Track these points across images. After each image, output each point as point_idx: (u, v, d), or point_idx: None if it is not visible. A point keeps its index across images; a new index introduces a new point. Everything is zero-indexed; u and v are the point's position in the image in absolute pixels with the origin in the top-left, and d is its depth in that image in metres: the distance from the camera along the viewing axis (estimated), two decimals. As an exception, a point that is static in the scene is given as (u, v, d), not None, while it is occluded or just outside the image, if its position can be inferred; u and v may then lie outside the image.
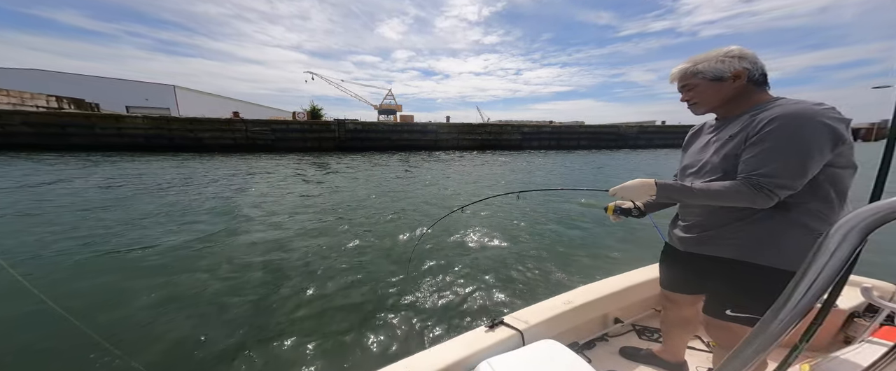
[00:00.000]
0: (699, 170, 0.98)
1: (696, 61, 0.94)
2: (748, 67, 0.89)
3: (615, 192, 1.05)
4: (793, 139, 0.79)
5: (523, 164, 16.19)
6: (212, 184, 8.57)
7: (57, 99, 23.95)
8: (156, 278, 2.94)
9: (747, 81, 0.90)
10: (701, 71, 0.93)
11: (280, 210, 5.62)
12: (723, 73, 0.90)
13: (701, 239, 1.00)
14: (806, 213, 0.85)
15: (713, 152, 0.95)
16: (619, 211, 1.16)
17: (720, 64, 0.90)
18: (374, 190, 7.72)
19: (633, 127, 35.25)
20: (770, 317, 0.36)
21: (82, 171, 10.19)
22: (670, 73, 1.01)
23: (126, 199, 6.54)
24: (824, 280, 0.33)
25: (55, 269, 3.09)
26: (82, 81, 34.74)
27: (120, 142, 20.11)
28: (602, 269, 3.18)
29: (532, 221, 4.80)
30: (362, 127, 26.15)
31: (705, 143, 1.00)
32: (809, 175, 0.80)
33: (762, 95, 0.91)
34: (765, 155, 0.81)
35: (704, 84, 0.93)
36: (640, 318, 1.64)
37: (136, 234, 4.24)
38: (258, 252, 3.60)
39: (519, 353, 1.00)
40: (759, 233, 0.89)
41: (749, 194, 0.82)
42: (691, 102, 0.98)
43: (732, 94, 0.92)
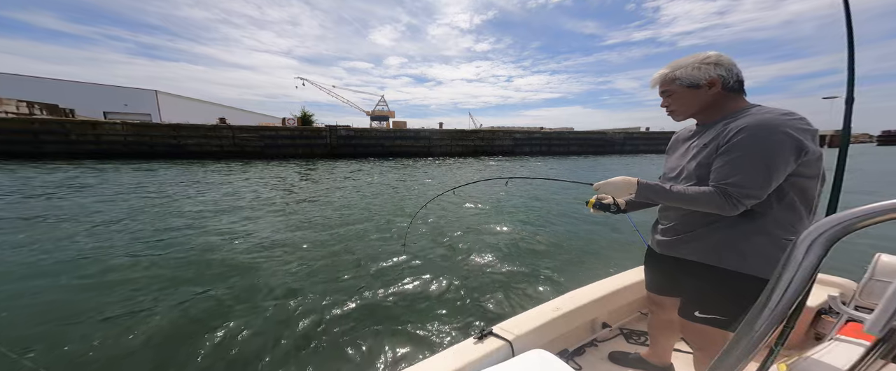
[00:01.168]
0: (677, 175, 1.01)
1: (675, 67, 0.96)
2: (723, 75, 0.91)
3: (599, 187, 1.08)
4: (758, 150, 0.81)
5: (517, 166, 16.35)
6: (190, 190, 8.23)
7: (28, 104, 22.67)
8: (125, 289, 2.75)
9: (722, 89, 0.91)
10: (678, 77, 0.95)
11: (258, 216, 5.46)
12: (698, 81, 0.92)
13: (673, 242, 1.04)
14: (771, 222, 0.87)
15: (690, 159, 0.97)
16: (599, 205, 1.19)
17: (696, 71, 0.92)
18: (361, 196, 7.58)
19: (620, 133, 36.40)
20: (748, 324, 0.38)
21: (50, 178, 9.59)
22: (651, 79, 1.04)
23: (91, 205, 6.18)
24: (795, 289, 0.36)
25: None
26: (56, 86, 33.07)
27: (97, 149, 19.15)
28: (589, 272, 3.16)
29: (520, 226, 4.79)
30: (355, 133, 25.92)
31: (685, 149, 1.02)
32: (773, 185, 0.82)
33: (737, 103, 0.92)
34: (733, 165, 0.84)
35: (681, 91, 0.95)
36: (627, 322, 1.66)
37: (107, 243, 4.00)
38: (235, 259, 3.45)
39: (508, 365, 0.99)
40: (725, 238, 0.92)
41: (719, 202, 0.84)
42: (670, 109, 1.00)
43: (709, 101, 0.93)
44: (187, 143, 21.26)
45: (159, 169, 13.58)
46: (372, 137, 26.69)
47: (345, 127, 26.34)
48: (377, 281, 2.91)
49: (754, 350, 0.38)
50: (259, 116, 54.32)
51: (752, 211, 0.86)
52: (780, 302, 0.36)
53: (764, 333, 0.37)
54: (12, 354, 1.23)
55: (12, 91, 27.24)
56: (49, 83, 33.11)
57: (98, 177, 10.73)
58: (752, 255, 0.90)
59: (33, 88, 30.61)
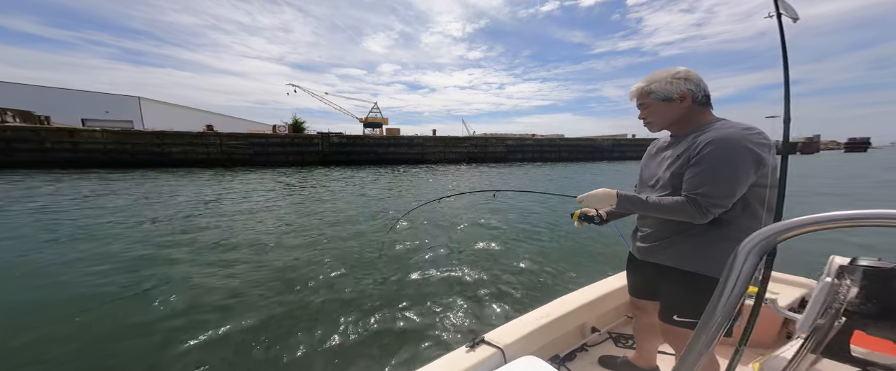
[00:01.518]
0: (654, 184, 1.06)
1: (650, 81, 1.01)
2: (692, 89, 0.97)
3: (582, 200, 1.13)
4: (723, 162, 0.87)
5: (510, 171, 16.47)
6: (173, 200, 7.88)
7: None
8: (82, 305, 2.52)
9: (692, 102, 0.98)
10: (653, 91, 1.00)
11: (245, 226, 5.32)
12: (671, 94, 0.98)
13: (651, 248, 1.09)
14: (737, 229, 0.93)
15: (665, 169, 1.02)
16: (584, 217, 1.24)
17: (669, 85, 0.98)
18: (352, 204, 7.48)
19: (608, 140, 37.41)
20: (704, 323, 0.43)
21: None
22: (630, 92, 1.10)
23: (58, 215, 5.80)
24: (738, 292, 0.41)
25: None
26: (31, 92, 31.61)
27: (74, 157, 18.26)
28: (577, 278, 3.18)
29: (508, 233, 4.80)
30: (347, 140, 25.68)
31: (661, 159, 1.07)
32: (737, 195, 0.89)
33: (705, 116, 0.99)
34: (701, 176, 0.90)
35: (656, 104, 1.01)
36: (615, 326, 1.68)
37: (78, 258, 3.73)
38: (222, 269, 3.34)
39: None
40: (697, 245, 0.98)
41: (690, 210, 0.90)
42: (647, 121, 1.07)
43: (681, 114, 1.00)
44: (172, 151, 20.55)
45: (116, 181, 13.01)
46: (365, 145, 26.50)
47: (337, 134, 26.09)
48: (366, 293, 2.84)
49: (711, 345, 0.43)
50: (249, 123, 53.24)
51: (720, 219, 0.92)
52: (726, 302, 0.41)
53: (717, 331, 0.42)
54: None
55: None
56: (24, 89, 31.63)
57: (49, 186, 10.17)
58: (720, 260, 0.94)
59: (6, 94, 29.15)
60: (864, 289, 0.50)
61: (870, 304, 0.49)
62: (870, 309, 0.49)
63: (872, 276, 0.50)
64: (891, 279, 0.48)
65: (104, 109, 34.45)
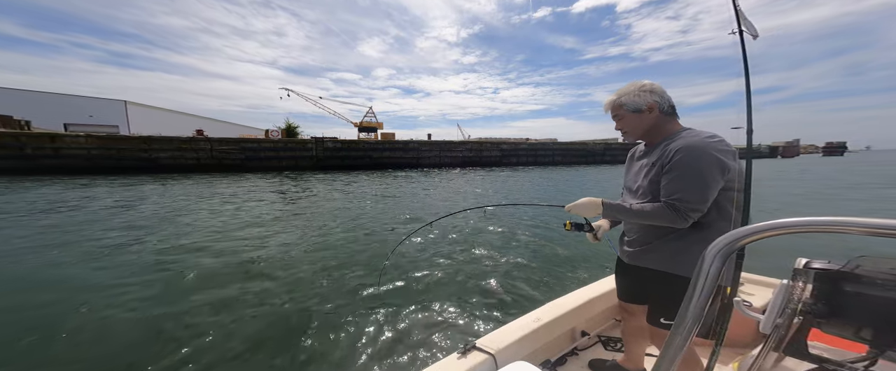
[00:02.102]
0: (635, 191, 1.11)
1: (621, 95, 1.08)
2: (657, 100, 1.03)
3: (570, 209, 1.18)
4: (694, 169, 0.94)
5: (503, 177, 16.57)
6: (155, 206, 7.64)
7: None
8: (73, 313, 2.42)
9: (659, 112, 1.04)
10: (624, 103, 1.07)
11: (238, 232, 5.24)
12: (640, 106, 1.04)
13: (637, 253, 1.14)
14: (715, 232, 0.97)
15: (643, 176, 1.07)
16: (574, 226, 1.28)
17: (637, 98, 1.04)
18: (346, 210, 7.39)
19: (600, 144, 38.16)
20: (678, 323, 0.46)
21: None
22: (604, 105, 1.15)
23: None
24: (706, 293, 0.44)
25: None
26: (9, 95, 30.47)
27: (56, 164, 17.60)
28: (567, 282, 3.21)
29: (498, 239, 4.81)
30: (342, 145, 25.49)
31: (639, 167, 1.13)
32: (710, 199, 0.95)
33: (673, 125, 1.06)
34: (675, 182, 0.96)
35: (628, 115, 1.07)
36: (604, 329, 1.70)
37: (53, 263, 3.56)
38: (211, 280, 3.26)
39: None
40: (678, 248, 1.03)
41: (670, 215, 0.95)
42: (623, 131, 1.13)
43: (652, 124, 1.06)
44: (159, 156, 20.03)
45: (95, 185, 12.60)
46: (360, 149, 26.34)
47: (332, 138, 25.87)
48: (357, 300, 2.81)
49: (686, 345, 0.45)
50: (241, 128, 52.40)
51: (699, 223, 0.98)
52: (696, 304, 0.44)
53: (689, 331, 0.45)
54: None
55: (-43, 101, 24.76)
56: (1, 92, 30.49)
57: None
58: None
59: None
60: (816, 289, 0.53)
61: (821, 304, 0.52)
62: (821, 308, 0.52)
63: (822, 278, 0.53)
64: (838, 280, 0.52)
65: (88, 114, 33.42)
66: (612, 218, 1.22)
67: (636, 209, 1.03)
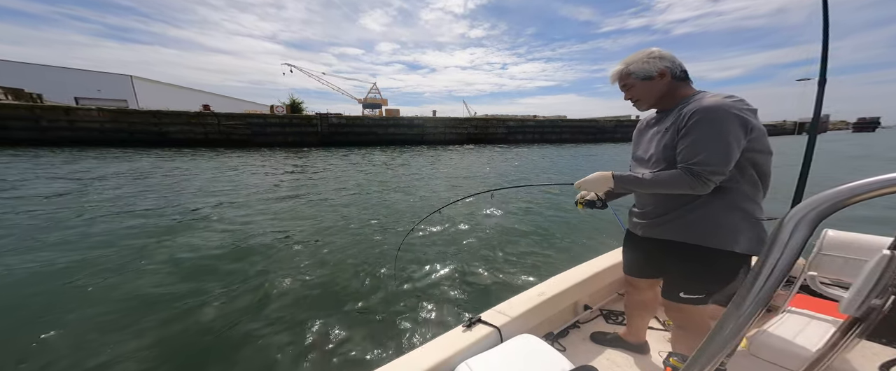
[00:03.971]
0: (647, 160, 1.06)
1: (628, 63, 1.04)
2: (669, 66, 0.99)
3: (579, 185, 1.14)
4: (714, 129, 0.88)
5: (509, 156, 16.43)
6: (181, 179, 7.96)
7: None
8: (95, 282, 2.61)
9: (671, 78, 1.00)
10: (632, 71, 1.03)
11: (250, 208, 5.35)
12: (650, 73, 1.00)
13: (653, 224, 1.08)
14: (739, 196, 0.94)
15: (656, 144, 1.03)
16: (586, 203, 1.24)
17: (646, 64, 1.00)
18: (354, 188, 7.42)
19: (611, 121, 36.87)
20: (734, 309, 0.38)
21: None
22: (610, 75, 1.11)
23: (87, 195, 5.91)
24: (781, 271, 0.36)
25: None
26: (21, 69, 30.65)
27: (71, 136, 18.11)
28: (571, 257, 3.22)
29: (504, 215, 4.81)
30: (346, 121, 25.32)
31: (650, 135, 1.08)
32: (733, 160, 0.89)
33: (686, 90, 1.01)
34: (694, 145, 0.90)
35: (638, 83, 1.03)
36: (606, 303, 1.72)
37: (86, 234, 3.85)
38: (222, 253, 3.34)
39: (497, 351, 1.03)
40: (701, 216, 0.97)
41: (689, 181, 0.90)
42: (634, 100, 1.08)
43: (664, 90, 1.01)
44: (169, 130, 20.34)
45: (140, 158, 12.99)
46: (364, 125, 26.16)
47: (336, 115, 25.67)
48: (365, 276, 2.85)
49: (742, 332, 0.38)
50: (245, 104, 52.16)
51: (723, 188, 0.92)
52: (765, 284, 0.36)
53: (750, 315, 0.37)
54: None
55: (-30, 74, 25.12)
56: (11, 65, 30.66)
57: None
58: (725, 230, 0.95)
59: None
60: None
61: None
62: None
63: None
64: None
65: (96, 88, 33.61)
66: (624, 191, 1.17)
67: (650, 178, 0.97)
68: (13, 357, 1.87)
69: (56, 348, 1.95)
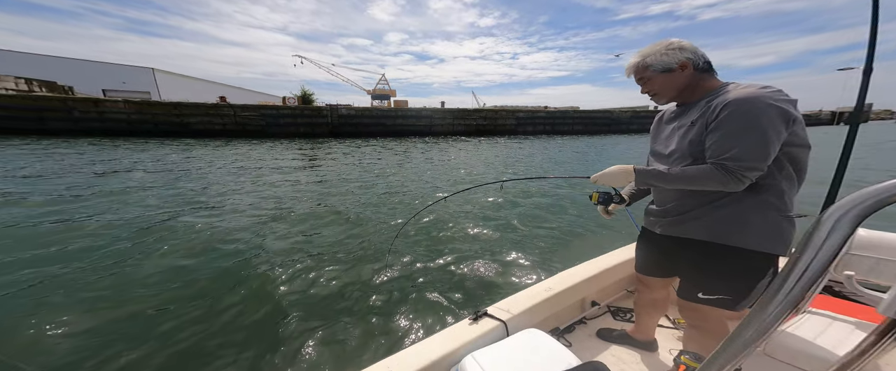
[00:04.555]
0: (667, 156, 1.01)
1: (645, 55, 0.99)
2: (690, 57, 0.94)
3: (596, 179, 1.08)
4: (749, 122, 0.81)
5: (516, 148, 16.29)
6: (202, 168, 8.45)
7: (26, 81, 22.46)
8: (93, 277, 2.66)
9: (693, 70, 0.95)
10: (650, 64, 0.97)
11: (253, 197, 5.50)
12: (670, 65, 0.95)
13: (675, 221, 1.03)
14: (774, 193, 0.88)
15: (680, 138, 0.97)
16: (602, 197, 1.18)
17: (665, 56, 0.95)
18: (361, 177, 7.56)
19: (627, 112, 35.59)
20: (759, 310, 0.36)
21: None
22: (625, 68, 1.05)
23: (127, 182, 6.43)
24: (814, 272, 0.33)
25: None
26: (52, 63, 32.46)
27: (101, 126, 19.25)
28: (579, 253, 3.12)
29: (513, 209, 4.79)
30: (356, 112, 25.62)
31: (671, 129, 1.03)
32: (772, 155, 0.83)
33: (713, 82, 0.96)
34: (726, 139, 0.84)
35: (657, 76, 0.98)
36: (614, 300, 1.71)
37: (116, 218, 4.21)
38: (223, 241, 3.43)
39: (503, 344, 1.03)
40: (730, 215, 0.92)
41: (721, 178, 0.84)
42: (652, 94, 1.03)
43: (685, 83, 0.96)
44: (190, 121, 21.24)
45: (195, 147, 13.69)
46: (373, 117, 26.40)
47: (346, 106, 26.00)
48: (372, 269, 2.86)
49: (766, 335, 0.36)
50: (259, 95, 53.42)
51: (757, 185, 0.86)
52: (795, 286, 0.33)
53: (776, 318, 0.35)
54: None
55: (6, 67, 26.85)
56: (44, 59, 32.49)
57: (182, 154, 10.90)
58: (755, 229, 0.90)
59: (28, 64, 30.09)
60: None
61: None
62: None
63: None
64: None
65: (121, 80, 35.21)
66: (645, 186, 1.12)
67: (677, 173, 0.92)
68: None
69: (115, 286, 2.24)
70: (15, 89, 21.22)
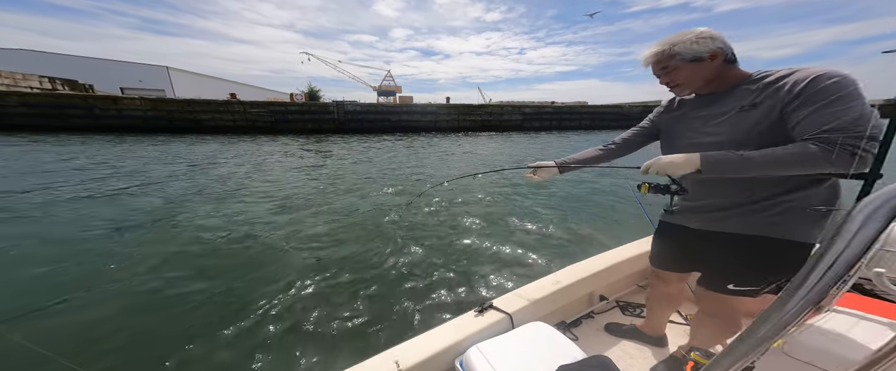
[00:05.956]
0: (717, 146, 0.91)
1: (672, 43, 0.93)
2: (722, 47, 0.90)
3: (649, 169, 0.94)
4: (849, 93, 0.72)
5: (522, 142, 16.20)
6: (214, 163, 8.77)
7: (50, 80, 23.52)
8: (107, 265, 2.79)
9: (723, 60, 0.91)
10: (678, 52, 0.92)
11: (260, 191, 5.62)
12: (701, 54, 0.90)
13: (719, 217, 0.97)
14: (830, 185, 0.84)
15: (729, 128, 0.89)
16: (654, 188, 1.02)
17: (696, 45, 0.90)
18: (367, 172, 7.69)
19: (638, 107, 34.76)
20: (779, 304, 0.34)
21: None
22: (643, 57, 0.99)
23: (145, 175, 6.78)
24: (842, 266, 0.31)
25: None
26: (72, 62, 33.80)
27: (119, 123, 20.05)
28: (587, 247, 3.20)
29: (519, 202, 4.80)
30: (361, 108, 25.85)
31: (701, 120, 0.96)
32: (874, 127, 0.72)
33: (740, 71, 0.92)
34: (826, 111, 0.72)
35: (685, 66, 0.92)
36: (623, 295, 1.68)
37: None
38: (234, 233, 3.53)
39: (508, 336, 1.03)
40: (795, 206, 0.85)
41: (823, 155, 0.71)
42: (673, 84, 0.97)
43: (714, 73, 0.92)
44: (202, 118, 21.88)
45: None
46: (378, 112, 26.59)
47: (351, 102, 26.26)
48: (379, 260, 2.91)
49: (782, 332, 0.34)
50: (267, 92, 54.45)
51: (819, 180, 0.81)
52: (821, 279, 0.32)
53: (797, 314, 0.33)
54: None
55: (34, 67, 28.14)
56: (64, 59, 33.85)
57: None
58: (809, 220, 0.86)
59: (49, 63, 31.46)
60: None
61: None
62: None
63: None
64: None
65: (137, 78, 36.42)
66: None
67: (761, 157, 0.77)
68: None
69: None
70: (39, 88, 22.26)
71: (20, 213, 4.21)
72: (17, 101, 18.25)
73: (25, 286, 2.53)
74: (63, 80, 24.72)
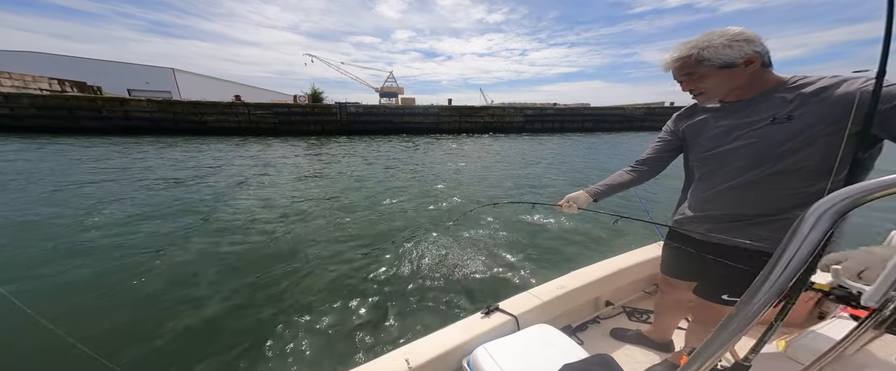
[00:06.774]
0: (743, 159, 0.86)
1: (699, 47, 0.82)
2: (759, 51, 0.79)
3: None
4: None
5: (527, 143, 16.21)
6: (214, 167, 8.90)
7: (59, 82, 23.95)
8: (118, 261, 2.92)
9: (761, 66, 0.80)
10: (707, 58, 0.81)
11: (272, 193, 5.69)
12: (734, 60, 0.79)
13: (730, 228, 0.93)
14: None
15: (756, 139, 0.82)
16: None
17: (728, 49, 0.78)
18: (372, 175, 7.74)
19: (641, 108, 34.63)
20: (746, 300, 0.38)
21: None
22: (664, 62, 0.89)
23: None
24: (797, 263, 0.35)
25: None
26: (81, 64, 34.39)
27: (127, 125, 20.37)
28: (594, 253, 3.22)
29: (526, 208, 4.76)
30: (364, 110, 26.04)
31: (724, 129, 0.88)
32: None
33: (776, 75, 0.82)
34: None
35: (715, 73, 0.81)
36: (630, 301, 1.69)
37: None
38: (248, 236, 3.59)
39: (514, 337, 1.04)
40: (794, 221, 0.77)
41: None
42: (697, 93, 0.88)
43: (747, 81, 0.82)
44: (207, 119, 22.16)
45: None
46: (381, 114, 26.75)
47: (354, 104, 26.45)
48: (391, 263, 2.96)
49: (749, 325, 0.37)
50: (271, 93, 54.96)
51: (823, 189, 0.78)
52: (780, 276, 0.35)
53: (761, 308, 0.36)
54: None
55: (43, 69, 28.67)
56: (74, 61, 34.45)
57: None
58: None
59: (58, 65, 32.03)
60: None
61: None
62: None
63: None
64: None
65: (144, 80, 36.94)
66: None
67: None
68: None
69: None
70: (49, 90, 22.68)
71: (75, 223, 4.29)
72: (27, 103, 18.62)
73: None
74: (71, 81, 25.16)
